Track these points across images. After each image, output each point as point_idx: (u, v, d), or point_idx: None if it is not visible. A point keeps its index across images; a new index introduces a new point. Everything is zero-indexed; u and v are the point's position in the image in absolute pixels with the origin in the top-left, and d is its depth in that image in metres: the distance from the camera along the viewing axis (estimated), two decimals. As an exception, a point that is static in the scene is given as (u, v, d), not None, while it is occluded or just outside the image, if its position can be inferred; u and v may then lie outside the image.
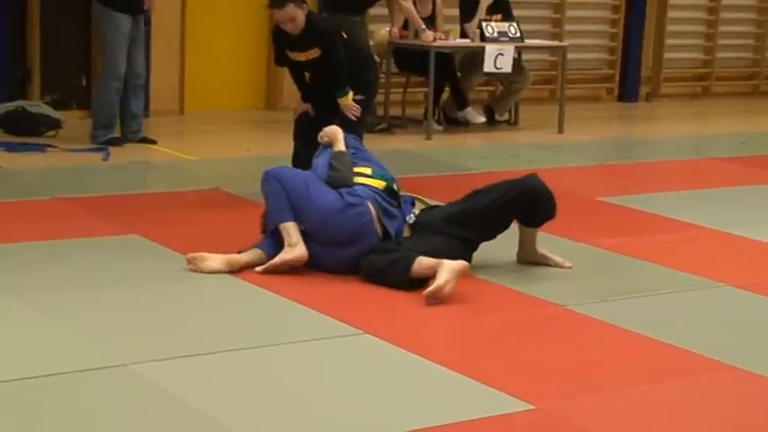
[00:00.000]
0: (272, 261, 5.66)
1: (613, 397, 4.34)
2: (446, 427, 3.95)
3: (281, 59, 7.35)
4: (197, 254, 5.69)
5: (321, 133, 6.23)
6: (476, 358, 4.69)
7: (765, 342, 5.08)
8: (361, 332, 4.90)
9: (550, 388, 4.37)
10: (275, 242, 5.78)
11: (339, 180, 5.88)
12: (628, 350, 4.89)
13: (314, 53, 7.04)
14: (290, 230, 5.68)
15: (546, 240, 6.22)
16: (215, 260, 5.68)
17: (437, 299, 5.28)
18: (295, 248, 5.65)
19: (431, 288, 5.28)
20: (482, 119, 11.11)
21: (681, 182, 8.90)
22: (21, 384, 4.17)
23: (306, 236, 5.72)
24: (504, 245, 6.02)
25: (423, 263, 5.48)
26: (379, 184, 5.95)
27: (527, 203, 5.84)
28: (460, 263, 5.41)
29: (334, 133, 6.19)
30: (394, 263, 5.51)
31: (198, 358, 4.53)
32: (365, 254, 5.65)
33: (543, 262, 6.04)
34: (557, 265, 6.02)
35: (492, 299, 5.53)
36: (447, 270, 5.33)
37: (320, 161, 6.07)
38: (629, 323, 5.14)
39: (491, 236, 5.91)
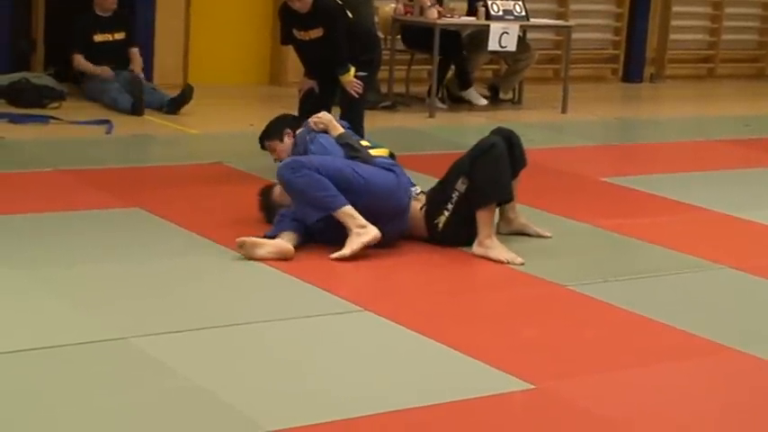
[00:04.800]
0: (353, 247, 5.54)
1: (613, 377, 4.35)
2: (445, 405, 3.96)
3: (286, 39, 7.35)
4: (247, 239, 5.51)
5: (314, 122, 6.11)
6: (476, 337, 4.68)
7: (766, 325, 5.08)
8: (361, 309, 4.90)
9: (550, 367, 4.38)
10: (298, 226, 5.69)
11: (362, 159, 5.84)
12: (628, 331, 4.89)
13: (317, 33, 7.08)
14: (353, 213, 5.61)
15: (548, 220, 6.22)
16: (265, 247, 5.51)
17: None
18: (368, 229, 5.59)
19: (515, 260, 5.61)
20: (484, 101, 11.05)
21: (684, 164, 8.88)
22: (20, 356, 4.18)
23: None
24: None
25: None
26: (384, 152, 5.94)
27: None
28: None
29: (328, 119, 6.12)
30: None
31: (197, 333, 4.53)
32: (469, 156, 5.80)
33: (524, 231, 6.10)
34: (537, 234, 6.07)
35: (493, 278, 5.54)
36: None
37: (327, 147, 5.93)
38: (629, 304, 5.14)
39: None
